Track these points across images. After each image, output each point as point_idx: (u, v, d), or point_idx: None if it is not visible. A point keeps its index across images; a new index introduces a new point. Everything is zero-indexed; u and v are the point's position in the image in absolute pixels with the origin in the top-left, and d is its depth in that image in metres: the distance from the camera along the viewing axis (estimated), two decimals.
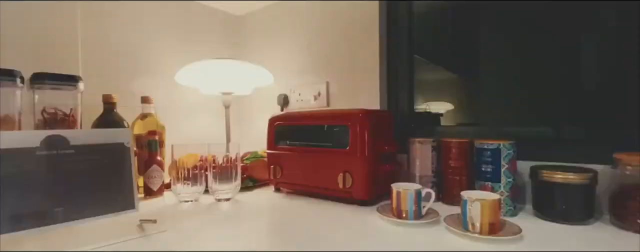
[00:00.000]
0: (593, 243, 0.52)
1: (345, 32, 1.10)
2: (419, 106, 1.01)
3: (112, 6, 1.05)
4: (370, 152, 0.76)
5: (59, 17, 0.93)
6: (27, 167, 0.52)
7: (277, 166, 0.92)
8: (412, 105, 1.00)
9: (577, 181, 0.61)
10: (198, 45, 1.30)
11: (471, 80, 0.97)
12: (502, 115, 0.89)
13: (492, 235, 0.54)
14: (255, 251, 0.51)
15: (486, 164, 0.68)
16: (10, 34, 0.85)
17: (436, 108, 1.01)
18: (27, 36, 0.88)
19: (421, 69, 1.01)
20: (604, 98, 0.74)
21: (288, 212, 0.75)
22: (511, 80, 0.87)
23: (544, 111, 0.82)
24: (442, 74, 1.04)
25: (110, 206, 0.58)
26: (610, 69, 0.73)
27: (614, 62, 0.72)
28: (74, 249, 0.51)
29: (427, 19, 1.00)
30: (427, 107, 1.02)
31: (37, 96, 0.79)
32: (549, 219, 0.64)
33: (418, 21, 0.99)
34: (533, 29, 0.82)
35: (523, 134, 0.78)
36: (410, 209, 0.63)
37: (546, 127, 0.78)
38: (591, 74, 0.75)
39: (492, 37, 0.90)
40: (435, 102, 1.01)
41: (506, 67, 0.88)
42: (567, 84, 0.78)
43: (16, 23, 0.86)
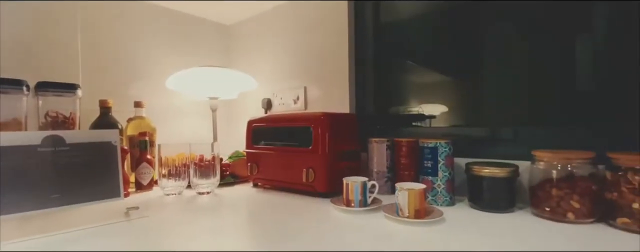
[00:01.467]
0: (504, 227, 0.61)
1: (319, 43, 1.20)
2: (413, 108, 1.07)
3: (109, 18, 1.17)
4: (330, 151, 0.86)
5: (61, 31, 1.05)
6: (30, 161, 0.63)
7: (254, 164, 1.03)
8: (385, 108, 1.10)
9: (501, 175, 0.70)
10: (189, 53, 1.42)
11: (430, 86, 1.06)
12: (452, 118, 0.98)
13: (418, 219, 0.64)
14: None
15: (427, 160, 0.78)
16: (17, 47, 0.97)
17: (428, 110, 1.05)
18: (32, 48, 1.00)
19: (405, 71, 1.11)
20: (529, 102, 0.83)
21: (258, 203, 0.85)
22: (460, 87, 0.97)
23: (482, 114, 0.92)
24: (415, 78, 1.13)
25: (99, 193, 0.69)
26: (534, 77, 0.82)
27: (537, 70, 0.81)
28: (67, 229, 0.62)
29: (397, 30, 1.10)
30: (419, 109, 1.09)
31: (41, 102, 0.91)
32: (479, 208, 0.73)
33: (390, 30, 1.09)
34: (460, 46, 0.92)
35: (468, 133, 0.87)
36: (356, 199, 0.73)
37: (485, 127, 0.87)
38: (517, 82, 0.84)
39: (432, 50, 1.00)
40: (428, 104, 1.07)
41: (457, 77, 0.97)
42: (500, 89, 0.87)
43: (23, 37, 0.98)
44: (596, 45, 0.74)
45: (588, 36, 0.75)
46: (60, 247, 0.54)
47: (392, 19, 1.09)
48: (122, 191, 0.73)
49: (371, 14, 1.09)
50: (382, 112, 1.10)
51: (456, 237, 0.56)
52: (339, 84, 1.13)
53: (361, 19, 1.11)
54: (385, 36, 1.10)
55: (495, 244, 0.52)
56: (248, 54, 1.50)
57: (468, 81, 0.96)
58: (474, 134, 0.87)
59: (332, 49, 1.16)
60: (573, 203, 0.61)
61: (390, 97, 1.10)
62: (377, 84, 1.10)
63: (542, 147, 0.72)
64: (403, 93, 1.09)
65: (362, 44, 1.11)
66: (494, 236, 0.56)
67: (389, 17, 1.09)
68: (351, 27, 1.10)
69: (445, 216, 0.68)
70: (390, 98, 1.10)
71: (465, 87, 0.98)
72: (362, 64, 1.11)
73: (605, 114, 0.74)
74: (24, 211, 0.60)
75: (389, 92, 1.10)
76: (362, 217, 0.69)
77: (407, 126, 1.09)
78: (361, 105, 1.11)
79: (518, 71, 0.85)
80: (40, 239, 0.58)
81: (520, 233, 0.57)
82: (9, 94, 0.84)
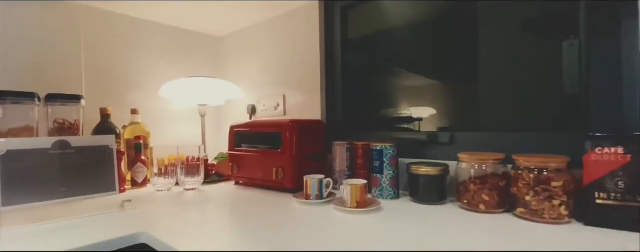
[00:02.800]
0: (431, 216, 0.74)
1: (296, 56, 1.34)
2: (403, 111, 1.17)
3: (108, 37, 1.32)
4: (296, 152, 1.00)
5: (67, 50, 1.20)
6: (42, 161, 0.78)
7: (235, 164, 1.17)
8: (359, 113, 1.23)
9: (433, 173, 0.84)
10: (181, 63, 1.56)
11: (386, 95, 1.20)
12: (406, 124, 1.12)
13: (359, 208, 0.77)
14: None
15: (375, 160, 0.91)
16: (30, 64, 1.12)
17: (417, 113, 1.15)
18: (42, 65, 1.15)
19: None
20: (463, 111, 0.96)
21: (236, 198, 0.99)
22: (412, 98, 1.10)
23: (425, 121, 1.05)
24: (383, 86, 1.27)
25: (98, 188, 0.83)
26: (463, 91, 0.95)
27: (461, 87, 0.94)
28: (72, 216, 0.76)
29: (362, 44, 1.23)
30: (407, 112, 1.19)
31: (50, 111, 1.06)
32: (416, 201, 0.86)
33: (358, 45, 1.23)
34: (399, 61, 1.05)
35: (414, 137, 1.01)
36: (314, 193, 0.87)
37: (427, 132, 1.00)
38: (453, 95, 0.98)
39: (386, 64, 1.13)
40: (417, 107, 1.17)
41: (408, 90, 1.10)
42: (439, 101, 1.01)
43: (35, 56, 1.13)
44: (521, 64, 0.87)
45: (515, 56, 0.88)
46: (67, 230, 0.69)
47: (357, 36, 1.23)
48: (117, 187, 0.88)
49: (339, 31, 1.23)
50: (349, 118, 1.24)
51: (388, 224, 0.69)
52: (313, 93, 1.27)
53: (330, 36, 1.24)
54: (352, 51, 1.23)
55: (418, 229, 0.65)
56: (236, 63, 1.64)
57: (415, 93, 1.10)
58: (419, 138, 1.00)
59: (307, 61, 1.30)
60: (484, 196, 0.75)
61: (356, 104, 1.24)
62: (344, 93, 1.23)
63: (474, 150, 0.85)
64: (365, 101, 1.22)
65: (332, 57, 1.24)
66: (420, 222, 0.70)
67: (355, 34, 1.23)
68: (322, 43, 1.24)
69: (384, 207, 0.81)
70: (356, 105, 1.24)
71: (412, 97, 1.11)
72: (332, 75, 1.24)
73: (516, 122, 0.87)
74: (37, 201, 0.75)
75: (354, 100, 1.23)
76: (317, 209, 0.83)
77: (372, 130, 1.22)
78: (331, 111, 1.24)
79: (452, 87, 0.98)
80: (50, 224, 0.72)
81: (442, 221, 0.71)
82: (24, 105, 0.99)
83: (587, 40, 0.74)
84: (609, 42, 0.71)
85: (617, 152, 0.62)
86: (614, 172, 0.62)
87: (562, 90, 0.81)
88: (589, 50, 0.74)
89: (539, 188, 0.67)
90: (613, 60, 0.70)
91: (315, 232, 0.64)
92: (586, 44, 0.74)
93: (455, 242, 0.57)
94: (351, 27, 1.23)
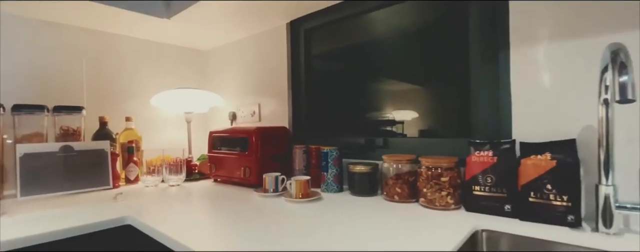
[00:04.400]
0: (360, 205, 0.94)
1: (270, 69, 1.54)
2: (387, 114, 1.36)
3: (107, 54, 1.53)
4: (260, 154, 1.20)
5: (71, 67, 1.41)
6: (51, 161, 0.98)
7: (213, 164, 1.37)
8: (319, 120, 1.43)
9: (365, 171, 1.03)
10: (171, 75, 1.77)
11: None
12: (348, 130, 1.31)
13: (302, 199, 0.97)
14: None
15: (323, 161, 1.11)
16: (41, 80, 1.33)
17: (400, 116, 1.33)
18: (51, 81, 1.36)
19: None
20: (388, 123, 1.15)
21: (211, 193, 1.19)
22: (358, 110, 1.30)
23: (366, 128, 1.24)
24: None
25: (95, 183, 1.04)
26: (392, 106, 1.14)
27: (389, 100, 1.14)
28: (75, 206, 0.97)
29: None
30: (390, 115, 1.37)
31: (57, 119, 1.26)
32: (353, 194, 1.06)
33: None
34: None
35: (357, 142, 1.20)
36: (270, 188, 1.07)
37: (368, 137, 1.20)
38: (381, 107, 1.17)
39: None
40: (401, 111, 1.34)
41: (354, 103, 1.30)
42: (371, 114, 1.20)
43: (45, 73, 1.34)
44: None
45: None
46: (70, 215, 0.89)
47: (318, 53, 1.42)
48: (111, 182, 1.08)
49: (303, 50, 1.42)
50: (311, 124, 1.44)
51: (324, 210, 0.88)
52: (283, 102, 1.47)
53: (296, 54, 1.44)
54: (313, 67, 1.43)
55: (345, 214, 0.85)
56: (220, 74, 1.85)
57: (359, 105, 1.29)
58: (361, 142, 1.19)
59: (278, 74, 1.50)
60: (397, 189, 0.94)
61: (317, 112, 1.43)
62: (307, 102, 1.43)
63: (401, 152, 1.04)
64: (325, 109, 1.41)
65: (297, 72, 1.44)
66: (349, 209, 0.89)
67: (317, 51, 1.43)
68: (289, 60, 1.44)
69: (325, 198, 1.01)
70: (317, 112, 1.43)
71: (357, 107, 1.30)
72: (297, 87, 1.44)
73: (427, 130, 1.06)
74: (47, 193, 0.95)
75: (316, 108, 1.43)
76: (272, 200, 1.03)
77: (330, 135, 1.41)
78: (297, 118, 1.44)
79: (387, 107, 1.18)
80: (57, 210, 0.92)
81: (366, 208, 0.90)
82: (35, 115, 1.20)
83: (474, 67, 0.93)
84: (490, 68, 0.90)
85: (488, 155, 0.82)
86: (485, 170, 0.82)
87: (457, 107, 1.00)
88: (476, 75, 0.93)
89: (432, 182, 0.86)
90: (493, 84, 0.89)
91: (267, 217, 0.84)
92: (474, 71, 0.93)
93: (368, 223, 0.77)
94: (314, 46, 1.43)
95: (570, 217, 0.68)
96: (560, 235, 0.66)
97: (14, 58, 1.28)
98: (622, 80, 0.48)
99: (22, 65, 1.29)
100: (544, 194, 0.72)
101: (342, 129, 1.35)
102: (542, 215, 0.72)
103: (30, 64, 1.31)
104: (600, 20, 0.73)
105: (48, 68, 1.35)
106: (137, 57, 1.64)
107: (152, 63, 1.69)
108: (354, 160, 1.14)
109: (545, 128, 0.81)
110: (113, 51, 1.55)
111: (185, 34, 1.61)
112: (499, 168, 0.80)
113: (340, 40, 1.35)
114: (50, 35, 1.36)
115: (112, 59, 1.55)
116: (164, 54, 1.74)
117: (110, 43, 1.54)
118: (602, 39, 0.73)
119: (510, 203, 0.77)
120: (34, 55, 1.32)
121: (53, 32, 1.37)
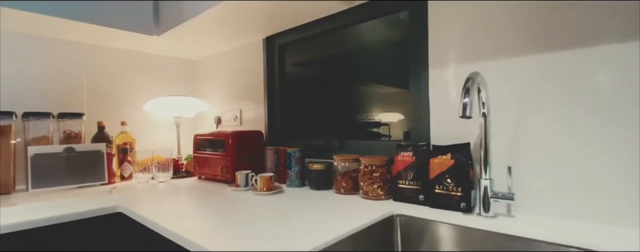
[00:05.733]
0: (315, 197, 1.13)
1: (250, 78, 1.74)
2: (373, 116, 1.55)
3: (104, 66, 1.72)
4: (236, 155, 1.39)
5: (73, 78, 1.61)
6: (56, 161, 1.17)
7: (197, 163, 1.56)
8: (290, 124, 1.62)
9: (320, 168, 1.22)
10: (162, 83, 1.96)
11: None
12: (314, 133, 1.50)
13: (266, 192, 1.16)
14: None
15: (287, 160, 1.30)
16: (47, 90, 1.52)
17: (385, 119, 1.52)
18: (56, 90, 1.55)
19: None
20: (347, 127, 1.34)
21: (194, 188, 1.38)
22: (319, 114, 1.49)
23: (326, 132, 1.43)
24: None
25: (94, 179, 1.23)
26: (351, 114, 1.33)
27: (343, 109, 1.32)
28: (77, 198, 1.16)
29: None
30: (376, 117, 1.55)
31: (61, 124, 1.46)
32: (311, 188, 1.25)
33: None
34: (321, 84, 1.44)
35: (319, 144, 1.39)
36: (242, 184, 1.26)
37: (327, 139, 1.39)
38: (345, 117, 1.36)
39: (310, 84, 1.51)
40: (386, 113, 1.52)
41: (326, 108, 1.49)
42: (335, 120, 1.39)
43: (51, 83, 1.53)
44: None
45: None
46: (72, 204, 1.08)
47: (291, 65, 1.62)
48: (106, 178, 1.28)
49: (277, 63, 1.62)
50: (283, 128, 1.63)
51: (283, 201, 1.08)
52: (261, 108, 1.67)
53: (271, 66, 1.63)
54: (295, 75, 1.62)
55: (299, 203, 1.04)
56: (208, 82, 2.04)
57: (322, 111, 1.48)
58: (321, 144, 1.39)
59: (256, 84, 1.69)
60: (343, 184, 1.13)
61: (290, 118, 1.62)
62: (281, 109, 1.62)
63: (354, 153, 1.23)
64: (296, 115, 1.61)
65: (272, 82, 1.64)
66: (304, 200, 1.08)
67: (297, 60, 1.62)
68: (264, 71, 1.64)
69: (287, 191, 1.20)
70: (290, 118, 1.62)
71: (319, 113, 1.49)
72: (273, 95, 1.63)
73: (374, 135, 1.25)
74: (53, 187, 1.15)
75: (288, 115, 1.62)
76: (242, 193, 1.22)
77: (301, 138, 1.60)
78: (272, 122, 1.64)
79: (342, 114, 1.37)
80: (61, 200, 1.12)
81: (318, 200, 1.08)
82: (42, 121, 1.39)
83: (411, 82, 1.12)
84: (417, 85, 1.09)
85: (409, 155, 1.01)
86: (407, 167, 1.00)
87: (405, 114, 1.19)
88: (413, 88, 1.12)
89: (367, 177, 1.05)
90: (421, 97, 1.08)
91: (235, 206, 1.03)
92: (411, 86, 1.12)
93: (314, 210, 0.96)
94: (295, 55, 1.62)
95: (463, 204, 0.87)
96: (454, 218, 0.84)
97: (24, 72, 1.47)
98: (464, 102, 0.67)
99: (31, 77, 1.49)
100: (445, 186, 0.91)
101: (309, 133, 1.54)
102: (444, 203, 0.91)
103: (37, 76, 1.51)
104: (490, 49, 0.92)
105: (53, 79, 1.55)
106: (131, 68, 1.83)
107: (145, 73, 1.89)
108: (313, 159, 1.33)
109: (452, 134, 1.00)
110: (110, 63, 1.75)
111: (176, 47, 1.80)
112: (416, 166, 0.99)
113: (317, 51, 1.55)
114: (55, 51, 1.56)
115: (109, 70, 1.75)
116: (157, 64, 1.94)
117: (108, 56, 1.74)
118: (490, 63, 0.92)
119: (423, 193, 0.96)
120: (41, 68, 1.52)
121: (57, 48, 1.57)
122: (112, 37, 1.58)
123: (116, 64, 1.77)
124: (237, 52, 1.81)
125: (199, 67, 2.11)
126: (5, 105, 1.40)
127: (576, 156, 0.79)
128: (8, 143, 1.28)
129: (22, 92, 1.46)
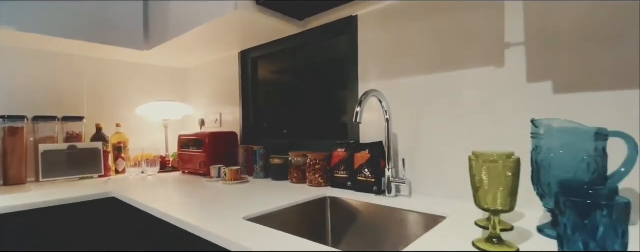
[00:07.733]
0: (273, 186, 1.39)
1: (229, 86, 2.00)
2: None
3: (103, 74, 1.99)
4: (213, 153, 1.65)
5: (74, 85, 1.87)
6: (60, 157, 1.44)
7: (180, 160, 1.82)
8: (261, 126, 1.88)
9: (279, 162, 1.48)
10: (154, 89, 2.23)
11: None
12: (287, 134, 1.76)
13: (232, 182, 1.42)
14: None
15: (254, 157, 1.56)
16: (53, 96, 1.79)
17: (290, 127, 1.87)
18: (60, 96, 1.81)
19: None
20: (306, 128, 1.61)
21: (176, 180, 1.64)
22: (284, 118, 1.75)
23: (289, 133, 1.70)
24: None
25: (92, 171, 1.49)
26: (310, 116, 1.59)
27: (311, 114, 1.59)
28: (79, 188, 1.42)
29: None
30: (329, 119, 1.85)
31: (64, 126, 1.72)
32: (272, 179, 1.51)
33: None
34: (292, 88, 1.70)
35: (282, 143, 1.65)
36: (215, 176, 1.53)
37: (290, 139, 1.65)
38: (303, 120, 1.62)
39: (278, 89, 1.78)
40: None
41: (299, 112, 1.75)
42: (296, 122, 1.65)
43: (55, 89, 1.80)
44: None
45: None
46: (74, 191, 1.34)
47: (263, 75, 1.88)
48: (103, 171, 1.54)
49: (251, 73, 1.88)
50: (256, 129, 1.89)
51: (246, 189, 1.34)
52: (236, 112, 1.93)
53: (246, 76, 1.90)
54: (259, 86, 1.89)
55: (259, 191, 1.30)
56: (195, 88, 2.31)
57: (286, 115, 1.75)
58: (282, 143, 1.65)
59: (232, 91, 1.96)
60: (295, 175, 1.39)
61: (260, 121, 1.89)
62: (254, 113, 1.89)
63: (303, 150, 1.50)
64: (264, 119, 1.87)
65: (246, 90, 1.90)
66: (264, 189, 1.34)
67: (262, 74, 1.89)
68: (239, 81, 1.90)
69: (251, 182, 1.46)
70: (260, 121, 1.89)
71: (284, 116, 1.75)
72: (247, 101, 1.90)
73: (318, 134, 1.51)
74: (58, 177, 1.41)
75: (259, 118, 1.89)
76: (214, 184, 1.48)
77: (271, 137, 1.87)
78: (246, 125, 1.90)
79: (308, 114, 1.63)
80: (65, 189, 1.38)
81: (274, 188, 1.35)
82: (49, 123, 1.66)
83: (348, 91, 1.39)
84: (353, 96, 1.35)
85: (343, 151, 1.27)
86: (341, 160, 1.27)
87: (337, 119, 1.45)
88: (348, 97, 1.38)
89: (312, 169, 1.32)
90: (354, 105, 1.35)
91: (208, 191, 1.29)
92: (349, 96, 1.39)
93: (269, 194, 1.22)
94: (259, 70, 1.89)
95: (375, 188, 1.14)
96: (369, 198, 1.11)
97: (34, 81, 1.73)
98: (356, 111, 0.93)
99: (39, 86, 1.75)
100: (364, 174, 1.17)
101: (275, 134, 1.80)
102: (364, 188, 1.17)
103: (45, 85, 1.77)
104: (397, 69, 1.19)
105: (58, 88, 1.81)
106: (126, 77, 2.09)
107: (138, 80, 2.15)
108: (275, 155, 1.60)
109: (373, 134, 1.26)
110: (107, 73, 2.01)
111: (165, 58, 2.07)
112: (346, 160, 1.25)
113: (283, 63, 1.82)
114: (60, 63, 1.82)
115: (106, 79, 2.01)
116: (148, 72, 2.20)
117: (105, 67, 2.00)
118: (397, 80, 1.18)
119: (350, 181, 1.23)
120: (48, 78, 1.78)
121: (62, 61, 1.83)
122: (108, 50, 1.84)
123: (112, 73, 2.03)
124: (217, 63, 2.08)
125: (186, 75, 2.37)
126: (18, 110, 1.67)
127: (450, 149, 1.05)
128: (21, 142, 1.54)
129: (32, 99, 1.72)
